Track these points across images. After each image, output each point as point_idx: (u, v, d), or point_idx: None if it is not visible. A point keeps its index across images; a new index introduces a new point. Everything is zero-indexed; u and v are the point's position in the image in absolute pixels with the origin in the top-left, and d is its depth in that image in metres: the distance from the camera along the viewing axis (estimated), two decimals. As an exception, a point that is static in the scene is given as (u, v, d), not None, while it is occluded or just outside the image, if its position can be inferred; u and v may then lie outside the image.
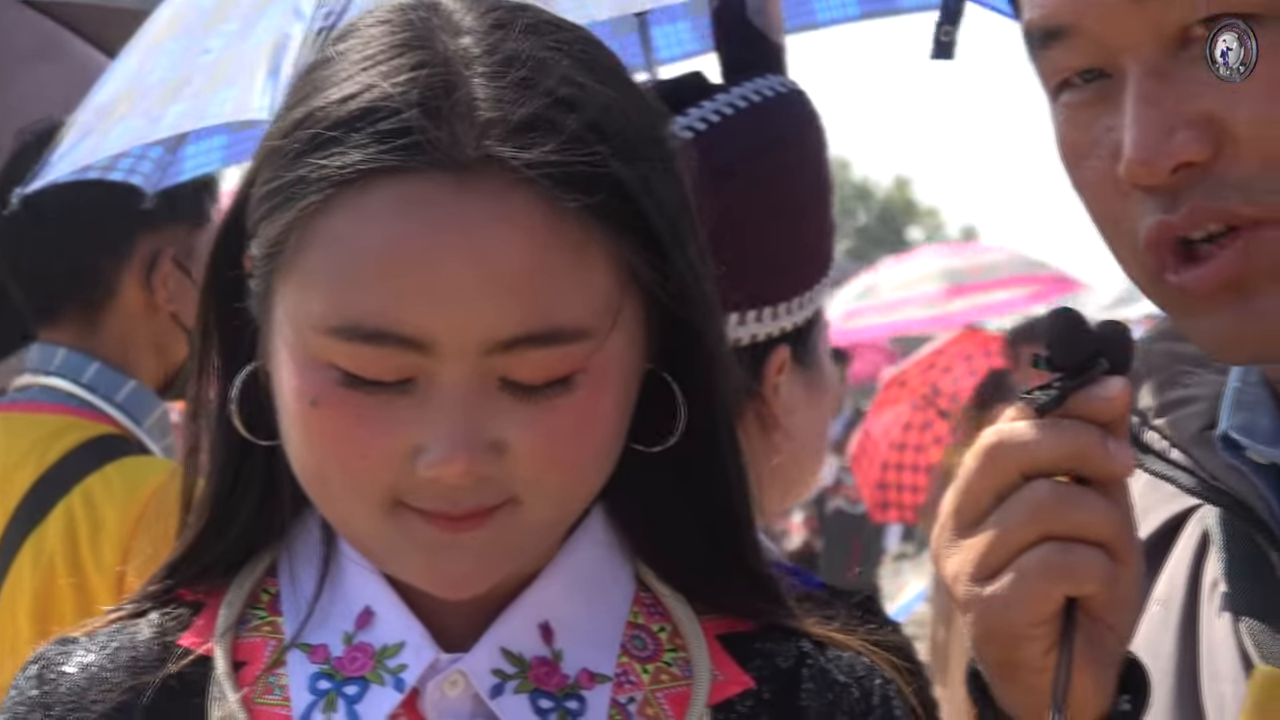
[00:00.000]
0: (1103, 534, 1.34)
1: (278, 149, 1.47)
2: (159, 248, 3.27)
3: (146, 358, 3.29)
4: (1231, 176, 1.39)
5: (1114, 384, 1.34)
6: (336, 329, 1.42)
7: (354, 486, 1.46)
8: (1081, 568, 1.33)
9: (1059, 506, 1.34)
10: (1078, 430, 1.34)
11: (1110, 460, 1.34)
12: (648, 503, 1.58)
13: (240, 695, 1.52)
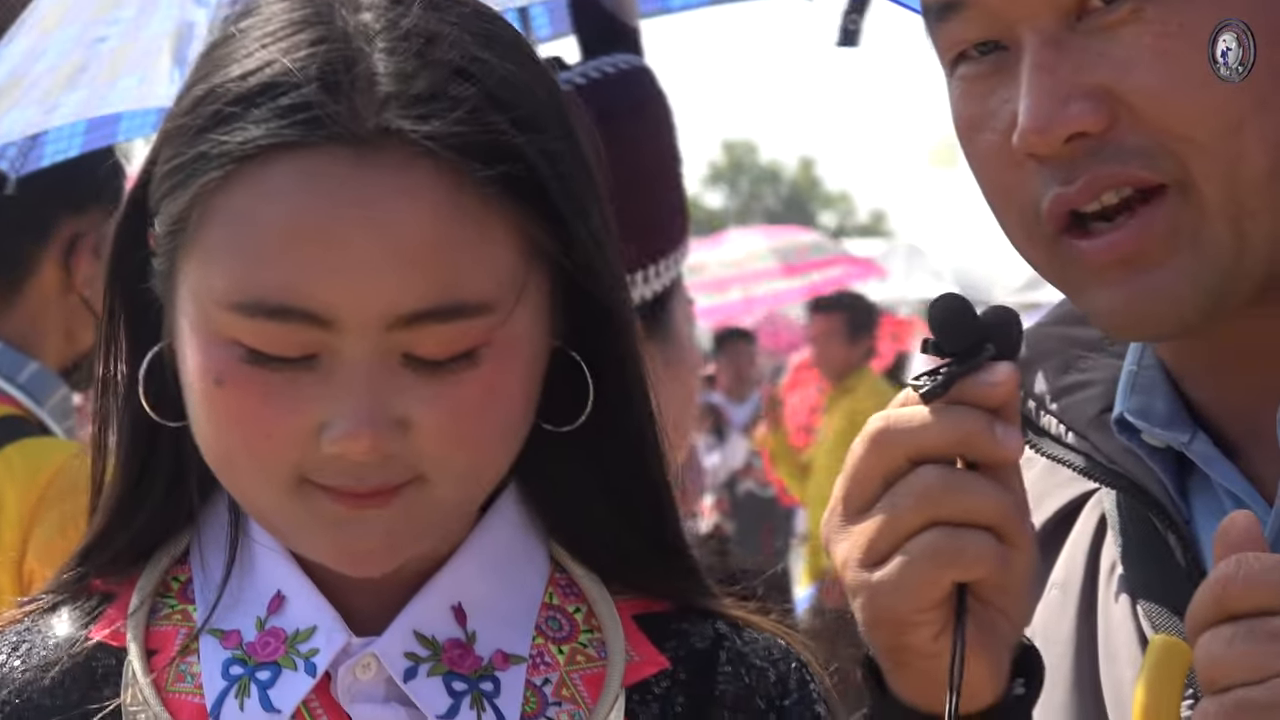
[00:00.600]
0: (991, 518, 1.34)
1: (180, 126, 1.47)
2: (79, 230, 3.29)
3: (54, 340, 3.31)
4: (1129, 145, 1.40)
5: (1000, 369, 1.34)
6: (239, 305, 1.42)
7: (260, 465, 1.45)
8: (969, 553, 1.34)
9: (946, 492, 1.34)
10: (964, 415, 1.33)
11: (997, 445, 1.34)
12: (560, 483, 1.59)
13: (152, 679, 1.51)
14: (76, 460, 3.10)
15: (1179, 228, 1.41)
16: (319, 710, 1.51)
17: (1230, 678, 1.26)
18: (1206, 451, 1.51)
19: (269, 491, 1.46)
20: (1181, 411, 1.53)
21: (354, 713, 1.50)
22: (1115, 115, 1.40)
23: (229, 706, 1.50)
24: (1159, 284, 1.42)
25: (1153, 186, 1.41)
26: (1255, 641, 1.25)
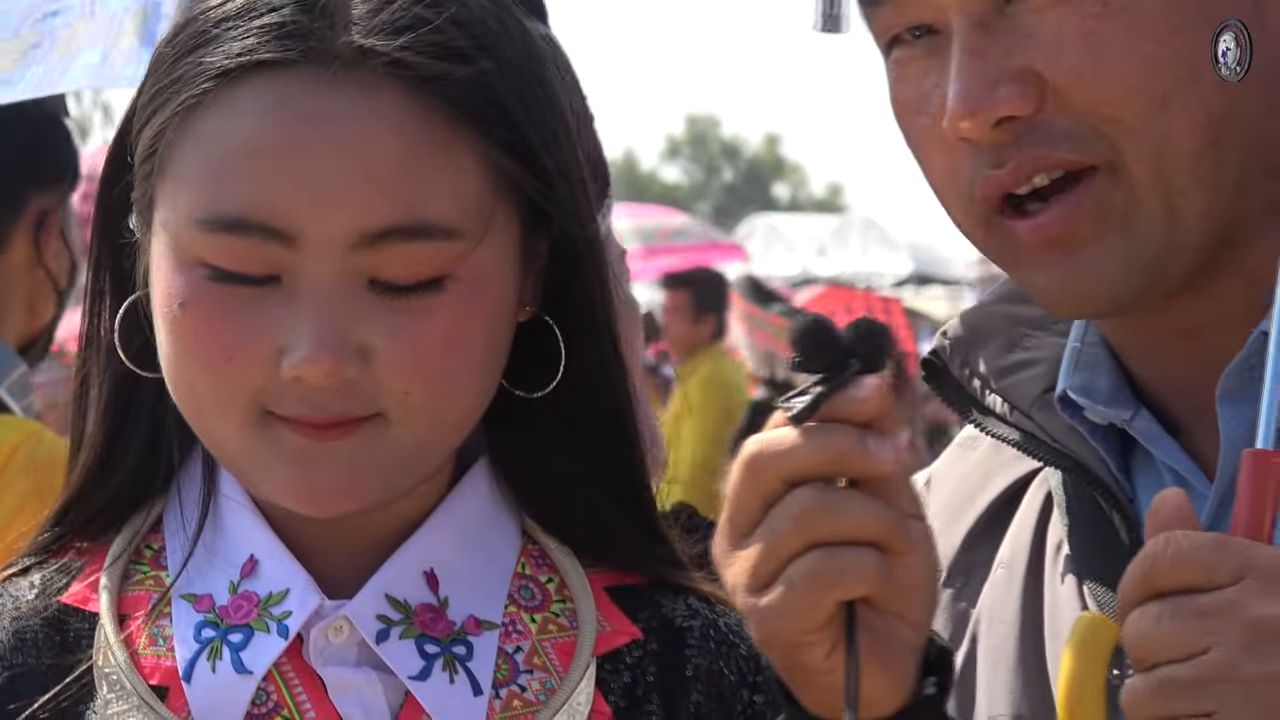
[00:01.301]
0: (872, 533, 1.32)
1: (163, 55, 1.49)
2: (49, 207, 3.27)
3: (16, 315, 3.28)
4: (1057, 128, 1.41)
5: (866, 385, 1.32)
6: (204, 221, 1.43)
7: (220, 394, 1.45)
8: (850, 573, 1.32)
9: (822, 513, 1.32)
10: (833, 434, 1.32)
11: (870, 460, 1.32)
12: (532, 453, 1.58)
13: (123, 639, 1.52)
14: (34, 439, 3.13)
15: (1109, 208, 1.42)
16: (291, 673, 1.51)
17: (1158, 655, 1.26)
18: (1149, 428, 1.52)
19: (230, 422, 1.46)
20: (1125, 388, 1.53)
21: (326, 675, 1.51)
22: (1044, 98, 1.40)
23: (201, 668, 1.51)
24: (1091, 263, 1.43)
25: (1083, 168, 1.42)
26: (1182, 619, 1.25)
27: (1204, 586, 1.25)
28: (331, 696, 1.51)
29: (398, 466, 1.49)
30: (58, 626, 1.55)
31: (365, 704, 1.51)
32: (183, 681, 1.51)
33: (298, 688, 1.51)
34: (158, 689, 1.51)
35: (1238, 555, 1.25)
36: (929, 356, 1.58)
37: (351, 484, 1.47)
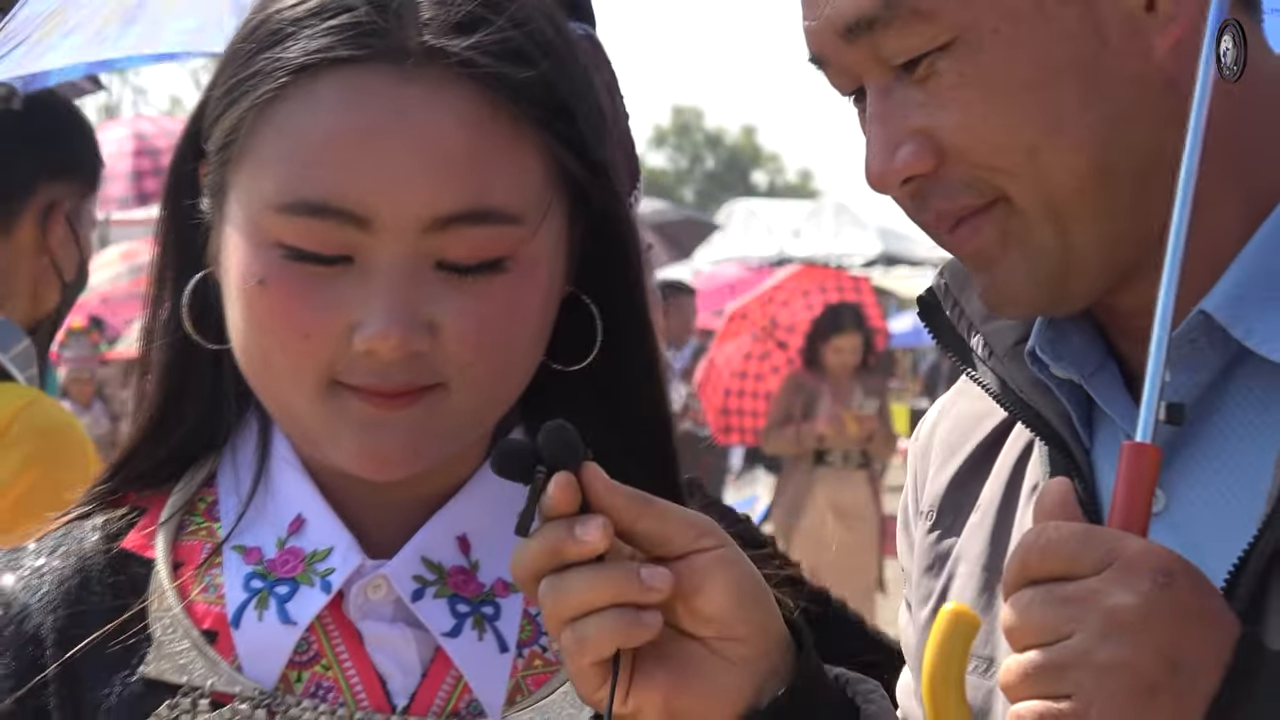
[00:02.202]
0: (606, 598, 1.36)
1: (236, 51, 1.50)
2: (57, 198, 3.24)
3: (21, 298, 3.25)
4: (955, 179, 1.43)
5: (553, 484, 1.37)
6: (284, 205, 1.43)
7: (295, 366, 1.46)
8: (590, 640, 1.36)
9: (555, 598, 1.37)
10: (546, 535, 1.36)
11: (579, 544, 1.36)
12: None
13: (177, 587, 1.52)
14: (34, 404, 3.12)
15: (1008, 232, 1.44)
16: (331, 625, 1.52)
17: (1027, 639, 1.27)
18: (1109, 385, 1.51)
19: (302, 393, 1.47)
20: (1097, 342, 1.53)
21: (363, 629, 1.52)
22: (941, 155, 1.43)
23: (248, 616, 1.52)
24: (1001, 276, 1.45)
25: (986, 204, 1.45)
26: (1049, 606, 1.26)
27: (1070, 576, 1.26)
28: (368, 649, 1.52)
29: (454, 432, 1.50)
30: (117, 570, 1.55)
31: (399, 657, 1.52)
32: (231, 627, 1.52)
33: (337, 639, 1.52)
34: (207, 633, 1.52)
35: (1102, 546, 1.26)
36: (924, 295, 1.59)
37: (413, 449, 1.47)
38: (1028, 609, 1.27)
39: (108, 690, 1.51)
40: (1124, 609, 1.23)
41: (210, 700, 1.49)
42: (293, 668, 1.51)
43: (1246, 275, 1.42)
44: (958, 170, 1.43)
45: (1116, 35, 1.40)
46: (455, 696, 1.52)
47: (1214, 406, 1.44)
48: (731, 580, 1.41)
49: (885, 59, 1.43)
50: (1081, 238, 1.42)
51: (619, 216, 1.55)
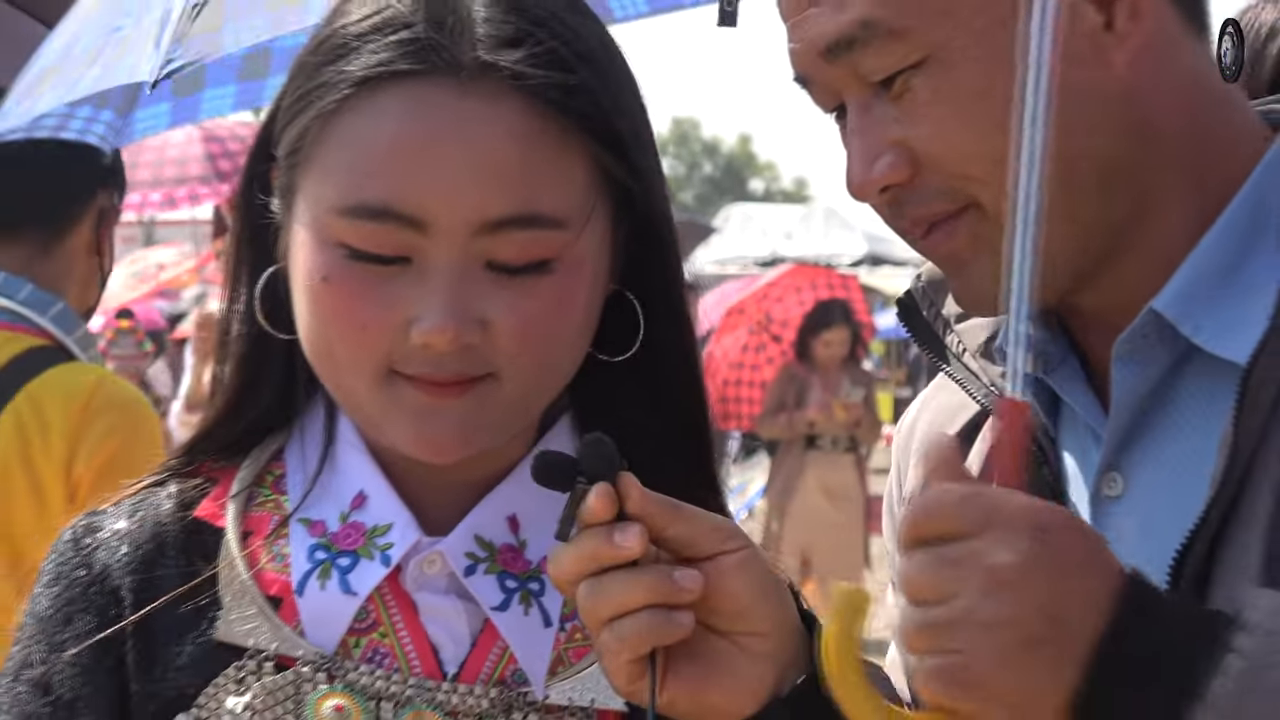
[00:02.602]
0: (640, 600, 1.37)
1: (303, 64, 1.49)
2: (109, 205, 3.28)
3: (72, 293, 3.27)
4: (930, 187, 1.42)
5: (593, 493, 1.37)
6: (347, 209, 1.43)
7: (355, 357, 1.46)
8: (629, 639, 1.37)
9: (594, 600, 1.37)
10: (586, 541, 1.37)
11: (617, 549, 1.36)
12: (610, 413, 1.57)
13: (245, 555, 1.52)
14: (107, 380, 3.13)
15: (979, 236, 1.43)
16: (388, 595, 1.51)
17: (919, 598, 1.26)
18: (1071, 378, 1.50)
19: (362, 381, 1.47)
20: (1059, 339, 1.52)
21: (418, 600, 1.51)
22: (917, 165, 1.42)
23: (312, 585, 1.51)
24: (972, 278, 1.44)
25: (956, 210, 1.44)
26: (935, 567, 1.25)
27: (955, 536, 1.24)
28: (422, 619, 1.51)
29: (503, 420, 1.49)
30: (190, 537, 1.55)
31: (450, 628, 1.51)
32: (295, 595, 1.51)
33: (393, 609, 1.52)
34: (273, 600, 1.51)
35: (983, 507, 1.25)
36: (903, 297, 1.58)
37: (464, 435, 1.47)
38: (918, 569, 1.26)
39: (179, 649, 1.50)
40: (1003, 567, 1.22)
41: (274, 663, 1.49)
42: (352, 634, 1.50)
43: (1196, 275, 1.41)
44: (932, 179, 1.42)
45: (1078, 52, 1.39)
46: (501, 666, 1.51)
47: (1167, 398, 1.43)
48: (754, 579, 1.41)
49: (863, 76, 1.42)
50: (1050, 239, 1.40)
51: (660, 219, 1.54)
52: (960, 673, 1.23)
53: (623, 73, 1.51)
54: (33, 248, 3.23)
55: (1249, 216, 1.40)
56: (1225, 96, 1.46)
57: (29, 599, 1.56)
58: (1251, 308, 1.35)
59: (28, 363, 3.10)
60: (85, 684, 1.50)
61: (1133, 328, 1.41)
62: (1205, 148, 1.43)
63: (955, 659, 1.23)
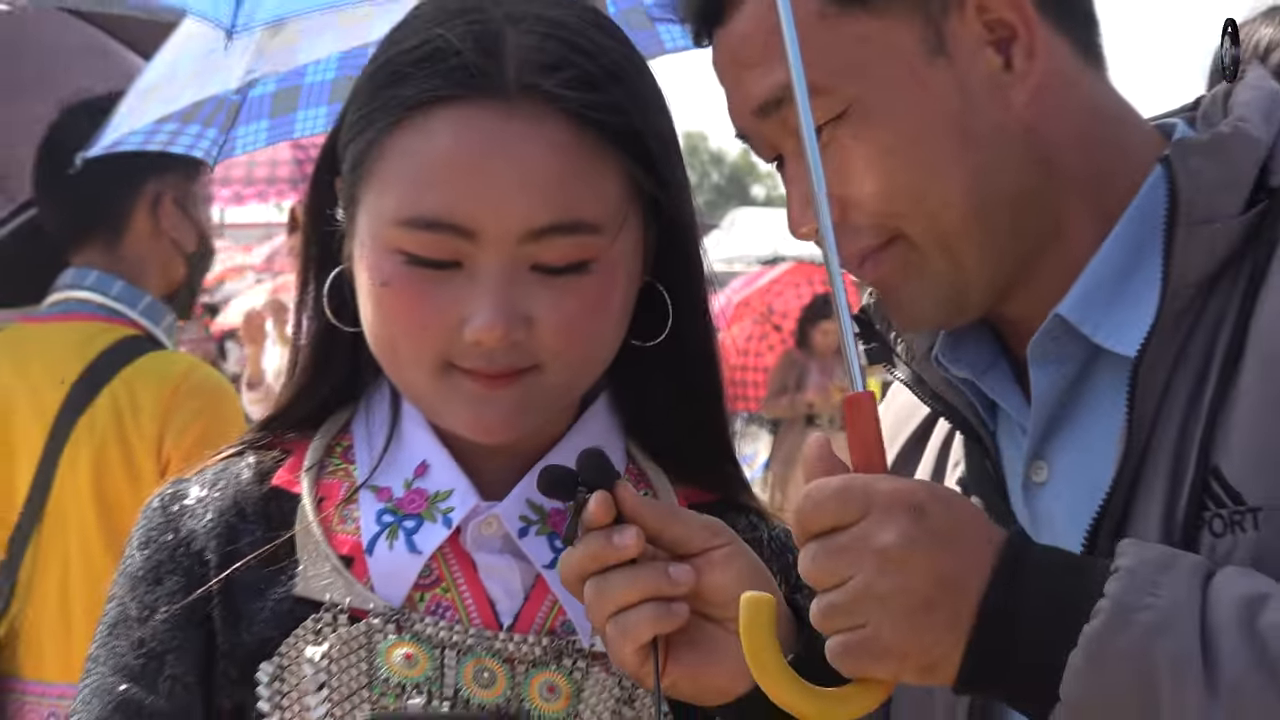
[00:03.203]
0: (641, 594, 1.37)
1: (364, 87, 1.49)
2: (161, 189, 3.29)
3: (154, 277, 3.29)
4: (858, 225, 1.40)
5: (593, 500, 1.38)
6: (404, 220, 1.42)
7: (415, 353, 1.45)
8: (630, 629, 1.36)
9: (599, 596, 1.38)
10: (588, 544, 1.38)
11: (615, 549, 1.37)
12: (642, 392, 1.58)
13: (322, 522, 1.52)
14: (195, 367, 3.16)
15: (907, 263, 1.41)
16: (449, 554, 1.51)
17: (821, 585, 1.25)
18: (999, 380, 1.48)
19: (422, 374, 1.46)
20: (990, 345, 1.49)
21: (477, 559, 1.51)
22: (845, 206, 1.40)
23: (380, 545, 1.50)
24: (905, 300, 1.43)
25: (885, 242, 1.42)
26: (829, 556, 1.24)
27: (840, 525, 1.24)
28: (480, 575, 1.51)
29: (547, 406, 1.49)
30: (268, 503, 1.54)
31: (505, 583, 1.51)
32: (366, 555, 1.50)
33: (454, 567, 1.51)
34: (345, 559, 1.50)
35: (860, 495, 1.24)
36: (858, 314, 1.55)
37: (513, 420, 1.47)
38: (814, 561, 1.25)
39: (261, 605, 1.50)
40: (888, 546, 1.22)
41: (348, 615, 1.48)
42: (417, 589, 1.50)
43: (1094, 282, 1.39)
44: (858, 218, 1.40)
45: (981, 93, 1.37)
46: (551, 617, 1.51)
47: (1081, 392, 1.41)
48: (742, 570, 1.40)
49: (793, 130, 1.39)
50: (969, 262, 1.40)
51: (684, 223, 1.53)
52: (869, 644, 1.23)
53: (652, 92, 1.50)
54: (103, 246, 3.26)
55: (1138, 228, 1.38)
56: (1120, 116, 1.44)
57: (121, 560, 1.55)
58: (1140, 308, 1.34)
59: (122, 351, 3.13)
60: (175, 638, 1.50)
61: (1041, 332, 1.40)
62: (1103, 169, 1.41)
63: (862, 633, 1.23)
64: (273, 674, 1.48)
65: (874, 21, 1.37)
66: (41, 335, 3.20)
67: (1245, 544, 1.26)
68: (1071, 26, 1.42)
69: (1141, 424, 1.33)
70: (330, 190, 1.53)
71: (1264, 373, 1.28)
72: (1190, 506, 1.29)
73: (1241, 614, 1.17)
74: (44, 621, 3.11)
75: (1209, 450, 1.29)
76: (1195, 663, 1.16)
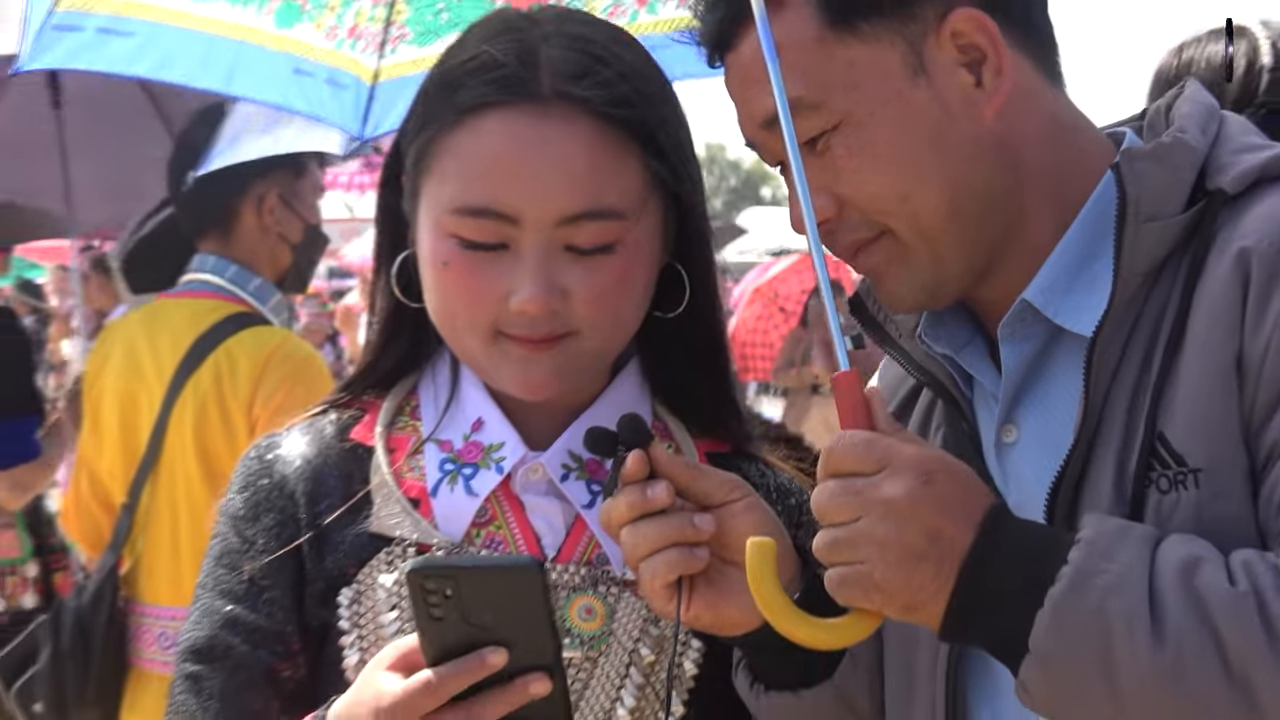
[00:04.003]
0: (668, 540, 1.37)
1: (424, 94, 1.49)
2: (266, 189, 3.31)
3: (263, 263, 3.33)
4: (852, 220, 1.40)
5: (630, 458, 1.39)
6: (458, 209, 1.43)
7: (470, 322, 1.46)
8: (659, 569, 1.37)
9: (632, 541, 1.38)
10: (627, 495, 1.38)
11: (649, 501, 1.37)
12: (665, 356, 1.58)
13: (393, 470, 1.52)
14: (287, 340, 3.19)
15: (892, 255, 1.41)
16: (501, 496, 1.51)
17: (831, 520, 1.25)
18: (975, 354, 1.46)
19: (476, 341, 1.47)
20: (967, 324, 1.48)
21: (525, 500, 1.51)
22: (840, 205, 1.40)
23: (443, 489, 1.51)
24: (891, 286, 1.43)
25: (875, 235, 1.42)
26: (844, 496, 1.24)
27: (859, 473, 1.24)
28: (527, 514, 1.51)
29: (584, 366, 1.49)
30: (347, 453, 1.55)
31: (549, 521, 1.51)
32: (430, 497, 1.51)
33: (505, 507, 1.52)
34: (413, 501, 1.51)
35: (882, 451, 1.24)
36: (853, 297, 1.55)
37: (554, 379, 1.47)
38: (830, 497, 1.25)
39: (341, 539, 1.50)
40: (896, 499, 1.22)
41: (415, 548, 1.48)
42: (474, 527, 1.50)
43: (1055, 271, 1.39)
44: (852, 214, 1.40)
45: (956, 107, 1.37)
46: (589, 550, 1.51)
47: (1045, 366, 1.41)
48: (756, 520, 1.40)
49: (802, 139, 1.38)
50: (948, 254, 1.39)
51: (698, 211, 1.53)
52: (863, 579, 1.23)
53: (669, 99, 1.50)
54: (219, 238, 3.30)
55: (1093, 225, 1.38)
56: (1076, 125, 1.44)
57: (222, 503, 1.56)
58: (1095, 294, 1.34)
59: (229, 325, 3.17)
60: (272, 566, 1.51)
61: (1010, 314, 1.40)
62: (1062, 171, 1.41)
63: (860, 568, 1.23)
64: (351, 598, 1.49)
65: (862, 46, 1.36)
66: (170, 309, 3.25)
67: (1188, 501, 1.26)
68: (1034, 49, 1.42)
69: (1097, 394, 1.32)
70: (397, 185, 1.54)
71: (1202, 352, 1.28)
72: (1139, 467, 1.29)
73: (1182, 575, 1.18)
74: (157, 554, 3.15)
75: (1155, 418, 1.29)
76: (1144, 618, 1.17)
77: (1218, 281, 1.28)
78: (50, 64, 2.36)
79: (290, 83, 2.33)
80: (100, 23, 2.34)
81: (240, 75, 2.33)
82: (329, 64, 2.38)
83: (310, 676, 1.50)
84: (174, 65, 2.34)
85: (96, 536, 3.28)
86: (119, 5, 2.35)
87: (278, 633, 1.49)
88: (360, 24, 2.44)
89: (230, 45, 2.32)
